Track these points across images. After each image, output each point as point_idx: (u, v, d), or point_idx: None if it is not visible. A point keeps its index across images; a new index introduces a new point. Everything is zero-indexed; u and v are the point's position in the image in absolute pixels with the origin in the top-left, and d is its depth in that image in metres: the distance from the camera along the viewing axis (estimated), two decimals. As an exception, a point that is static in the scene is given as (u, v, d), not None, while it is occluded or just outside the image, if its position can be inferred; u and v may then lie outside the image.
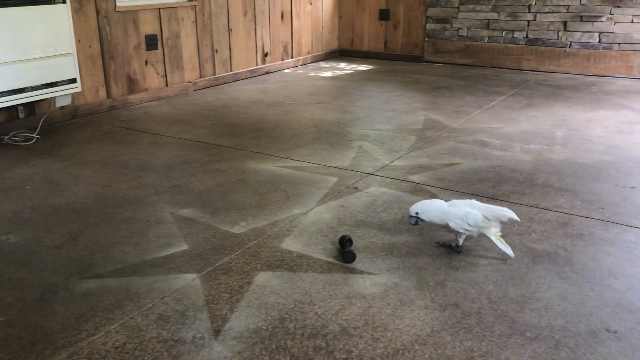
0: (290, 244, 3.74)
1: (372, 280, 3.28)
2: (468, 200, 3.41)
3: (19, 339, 2.73)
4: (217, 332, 2.81)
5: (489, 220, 3.29)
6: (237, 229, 3.98)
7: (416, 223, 3.44)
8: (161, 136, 6.26)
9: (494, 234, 3.38)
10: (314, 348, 2.70)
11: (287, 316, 2.94)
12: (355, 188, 4.72)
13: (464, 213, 3.26)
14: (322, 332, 2.81)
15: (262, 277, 3.33)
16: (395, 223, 3.99)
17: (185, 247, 3.70)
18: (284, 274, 3.37)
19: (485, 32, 10.34)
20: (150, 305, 3.03)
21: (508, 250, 3.43)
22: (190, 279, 3.30)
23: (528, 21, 9.90)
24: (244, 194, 4.60)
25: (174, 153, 5.68)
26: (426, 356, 2.65)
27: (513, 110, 7.26)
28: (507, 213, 3.35)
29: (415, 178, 4.92)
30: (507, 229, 3.88)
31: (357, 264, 3.43)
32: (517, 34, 10.06)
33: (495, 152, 5.66)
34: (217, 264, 3.48)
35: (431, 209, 3.36)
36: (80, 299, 3.06)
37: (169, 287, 3.21)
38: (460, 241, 3.43)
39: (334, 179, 4.91)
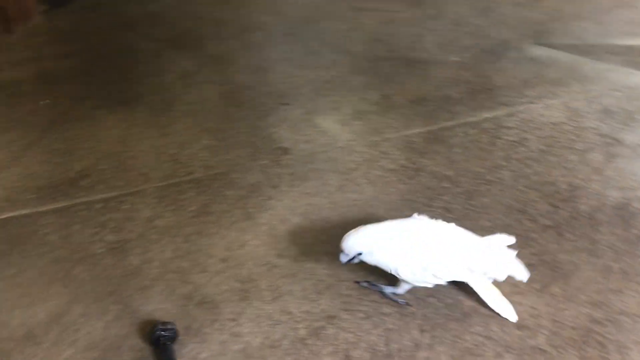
0: None
1: None
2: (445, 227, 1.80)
3: (467, 82, 2.91)
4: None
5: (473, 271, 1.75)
6: None
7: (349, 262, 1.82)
8: None
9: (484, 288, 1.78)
10: None
11: None
12: None
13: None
14: None
15: None
16: None
17: (654, 41, 3.23)
18: None
19: None
20: (596, 93, 2.83)
21: (505, 311, 1.77)
22: (648, 80, 2.93)
23: None
24: None
25: None
26: None
27: None
28: (508, 265, 1.75)
29: None
30: None
31: None
32: None
33: None
34: (687, 72, 2.98)
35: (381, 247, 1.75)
36: (528, 64, 3.04)
37: (621, 80, 2.92)
38: (401, 290, 1.84)
39: None
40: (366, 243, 1.72)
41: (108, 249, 2.00)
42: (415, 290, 1.80)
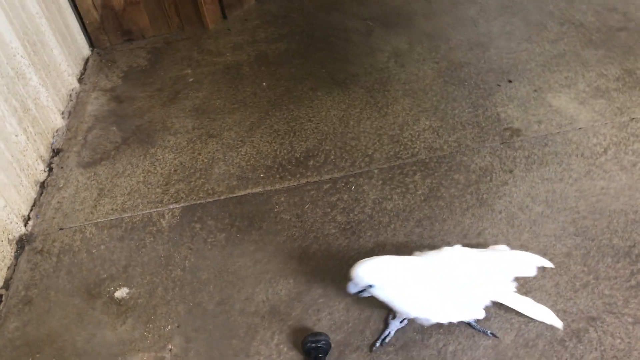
0: None
1: None
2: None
3: None
4: None
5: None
6: None
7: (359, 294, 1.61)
8: None
9: None
10: None
11: None
12: None
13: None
14: None
15: None
16: None
17: None
18: None
19: None
20: None
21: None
22: None
23: None
24: None
25: None
26: None
27: None
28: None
29: None
30: None
31: None
32: None
33: None
34: None
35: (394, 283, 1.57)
36: None
37: None
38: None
39: None
40: (379, 275, 1.53)
41: (340, 230, 1.99)
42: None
